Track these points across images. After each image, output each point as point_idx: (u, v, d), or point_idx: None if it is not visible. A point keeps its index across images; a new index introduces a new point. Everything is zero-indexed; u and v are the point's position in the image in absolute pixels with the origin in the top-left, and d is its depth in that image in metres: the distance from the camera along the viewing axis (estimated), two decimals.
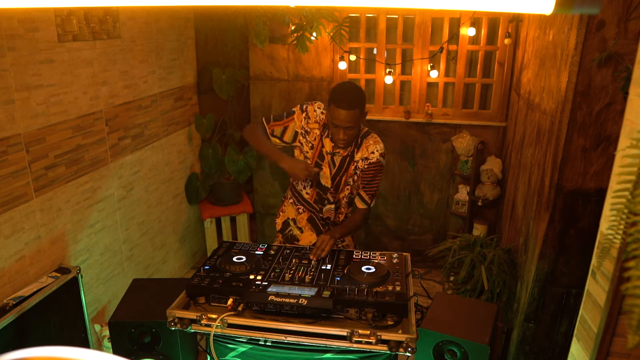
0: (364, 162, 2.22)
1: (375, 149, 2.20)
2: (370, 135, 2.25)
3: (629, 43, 1.92)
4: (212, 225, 3.89)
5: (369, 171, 2.22)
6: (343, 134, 2.09)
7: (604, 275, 1.20)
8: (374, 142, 2.21)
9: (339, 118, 2.04)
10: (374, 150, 2.20)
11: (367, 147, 2.20)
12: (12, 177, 2.15)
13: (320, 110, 2.22)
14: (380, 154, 2.21)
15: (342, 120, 2.04)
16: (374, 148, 2.20)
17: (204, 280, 1.82)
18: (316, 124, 2.21)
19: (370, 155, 2.20)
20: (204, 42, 3.90)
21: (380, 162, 2.22)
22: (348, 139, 2.12)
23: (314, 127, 2.22)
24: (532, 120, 2.78)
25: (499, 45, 3.64)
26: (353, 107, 2.02)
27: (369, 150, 2.20)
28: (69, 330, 2.36)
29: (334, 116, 2.05)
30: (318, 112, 2.22)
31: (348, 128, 2.07)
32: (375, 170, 2.22)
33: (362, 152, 2.21)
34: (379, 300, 1.68)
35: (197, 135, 3.94)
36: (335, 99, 2.04)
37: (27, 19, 2.18)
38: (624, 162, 1.04)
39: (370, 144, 2.20)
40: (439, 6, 0.45)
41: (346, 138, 2.11)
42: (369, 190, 2.25)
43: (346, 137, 2.10)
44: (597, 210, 2.17)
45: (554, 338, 2.46)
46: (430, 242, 4.08)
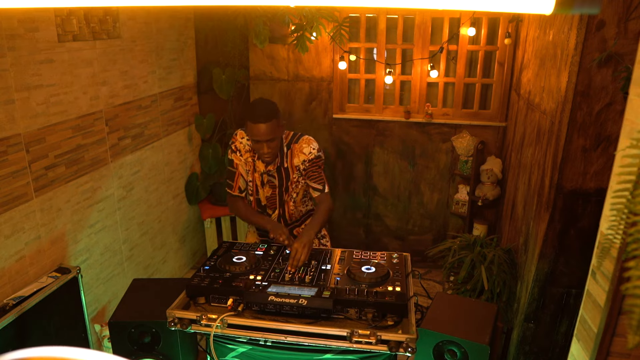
0: (304, 163, 2.26)
1: (310, 149, 2.25)
2: (300, 139, 2.27)
3: (629, 43, 1.92)
4: (212, 225, 3.89)
5: (312, 167, 2.27)
6: (267, 148, 2.13)
7: (604, 275, 1.20)
8: (306, 143, 2.25)
9: (258, 133, 2.08)
10: (310, 150, 2.24)
11: (301, 150, 2.25)
12: (12, 177, 2.15)
13: (245, 138, 2.28)
14: (316, 150, 2.26)
15: (262, 134, 2.08)
16: (308, 149, 2.25)
17: (204, 280, 1.82)
18: (247, 153, 2.28)
19: (308, 156, 2.25)
20: (204, 42, 3.90)
21: (319, 156, 2.27)
22: (272, 151, 2.16)
23: (247, 156, 2.29)
24: (532, 120, 2.78)
25: (499, 45, 3.64)
26: (269, 118, 2.07)
27: (305, 152, 2.24)
28: (69, 330, 2.36)
29: (254, 133, 2.09)
30: (244, 142, 2.28)
31: (269, 141, 2.11)
32: (317, 164, 2.27)
33: (298, 157, 2.25)
34: (379, 300, 1.68)
35: (197, 135, 3.94)
36: (249, 117, 2.09)
37: (27, 19, 2.18)
38: (624, 162, 1.04)
39: (304, 147, 2.25)
40: (439, 6, 0.45)
41: (270, 151, 2.15)
42: (318, 181, 2.29)
43: (270, 150, 2.14)
44: (597, 210, 2.17)
45: (554, 338, 2.46)
46: (430, 242, 4.08)
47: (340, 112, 3.98)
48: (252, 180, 2.34)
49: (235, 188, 2.32)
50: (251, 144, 2.18)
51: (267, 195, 2.34)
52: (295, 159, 2.25)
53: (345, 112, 3.99)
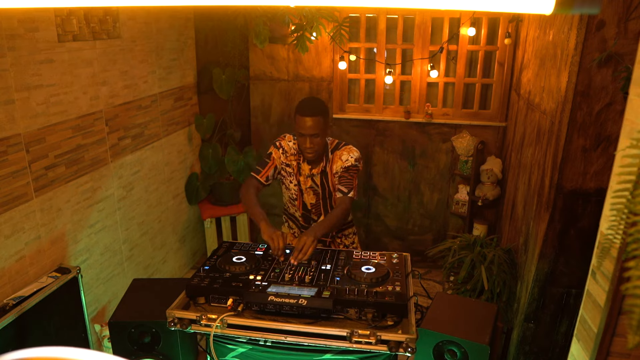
0: (340, 169, 2.27)
1: (349, 156, 2.26)
2: (343, 147, 2.29)
3: (629, 43, 1.92)
4: (212, 225, 3.89)
5: (346, 173, 2.27)
6: (309, 142, 2.16)
7: (604, 275, 1.20)
8: (346, 151, 2.27)
9: (304, 126, 2.13)
10: (348, 158, 2.26)
11: (340, 157, 2.27)
12: (12, 177, 2.15)
13: (292, 142, 2.31)
14: (355, 159, 2.27)
15: (306, 127, 2.13)
16: (347, 156, 2.26)
17: (204, 280, 1.82)
18: (292, 156, 2.31)
19: (345, 162, 2.26)
20: (204, 42, 3.90)
21: (356, 165, 2.28)
22: (315, 147, 2.18)
23: (292, 159, 2.31)
24: (532, 120, 2.78)
25: (499, 45, 3.64)
26: (316, 114, 2.13)
27: (343, 159, 2.26)
28: (69, 330, 2.36)
29: (299, 125, 2.15)
30: (291, 145, 2.31)
31: (313, 136, 2.15)
32: (352, 171, 2.27)
33: (338, 163, 2.27)
34: (378, 300, 1.68)
35: (197, 135, 3.94)
36: (299, 110, 2.16)
37: (27, 19, 2.18)
38: (624, 162, 1.04)
39: (344, 154, 2.27)
40: (439, 6, 0.45)
41: (312, 147, 2.17)
42: (347, 185, 2.26)
43: (312, 145, 2.17)
44: (597, 210, 2.17)
45: (554, 338, 2.46)
46: (430, 242, 4.08)
47: (340, 112, 3.98)
48: (297, 184, 2.35)
49: (262, 175, 2.29)
50: (297, 138, 2.22)
51: (312, 202, 2.37)
52: (334, 165, 2.28)
53: (345, 112, 3.99)
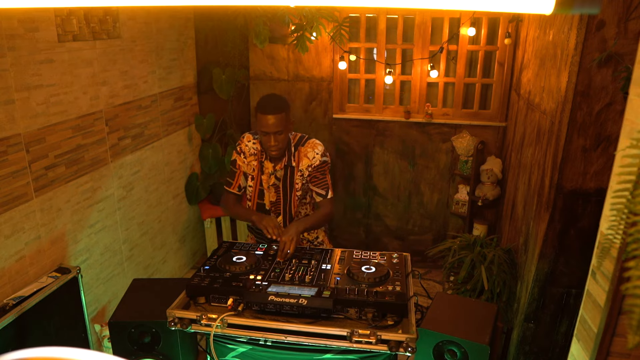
0: (308, 169, 2.28)
1: (314, 153, 2.27)
2: (307, 142, 2.29)
3: (629, 43, 1.92)
4: (212, 225, 3.89)
5: (317, 172, 2.28)
6: (274, 140, 2.16)
7: (604, 275, 1.20)
8: (311, 147, 2.28)
9: (267, 124, 2.13)
10: (314, 155, 2.26)
11: (306, 154, 2.27)
12: (12, 177, 2.15)
13: (251, 142, 2.32)
14: (321, 154, 2.28)
15: (269, 125, 2.12)
16: (313, 153, 2.27)
17: (204, 280, 1.82)
18: (252, 156, 2.32)
19: (313, 161, 2.27)
20: (204, 42, 3.90)
21: (325, 160, 2.29)
22: (279, 144, 2.19)
23: (251, 159, 2.32)
24: (532, 120, 2.78)
25: (499, 45, 3.64)
26: (278, 111, 2.12)
27: (310, 157, 2.27)
28: (69, 330, 2.36)
29: (262, 123, 2.14)
30: (250, 145, 2.32)
31: (277, 133, 2.15)
32: (322, 170, 2.29)
33: (304, 161, 2.27)
34: (379, 300, 1.68)
35: (197, 135, 3.94)
36: (260, 108, 2.15)
37: (27, 19, 2.18)
38: (624, 162, 1.04)
39: (309, 151, 2.27)
40: (439, 6, 0.45)
41: (277, 144, 2.18)
42: (322, 186, 2.30)
43: (277, 142, 2.17)
44: (597, 210, 2.17)
45: (554, 338, 2.46)
46: (430, 242, 4.08)
47: (340, 112, 3.98)
48: (254, 186, 2.34)
49: (234, 186, 2.36)
50: (260, 136, 2.21)
51: (272, 200, 2.34)
52: (300, 163, 2.28)
53: (345, 112, 3.99)
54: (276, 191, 2.33)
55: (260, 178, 2.32)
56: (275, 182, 2.31)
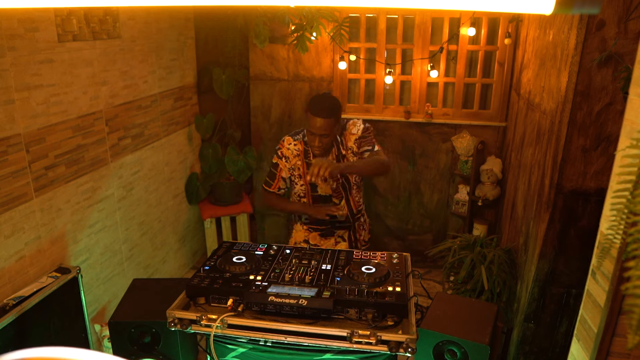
0: (356, 142, 2.32)
1: (356, 128, 2.32)
2: (347, 125, 2.35)
3: (629, 43, 1.92)
4: (212, 225, 3.89)
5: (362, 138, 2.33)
6: (318, 142, 2.21)
7: (604, 275, 1.20)
8: (352, 125, 2.33)
9: (315, 126, 2.17)
10: (357, 129, 2.32)
11: (350, 133, 2.32)
12: (12, 177, 2.15)
13: (292, 144, 2.37)
14: (362, 124, 2.33)
15: (318, 127, 2.17)
16: (355, 128, 2.32)
17: (204, 280, 1.82)
18: (296, 157, 2.36)
19: (357, 134, 2.32)
20: (204, 42, 3.90)
21: (367, 127, 2.34)
22: (323, 146, 2.24)
23: (295, 160, 2.36)
24: (532, 120, 2.78)
25: (499, 45, 3.64)
26: (329, 115, 2.17)
27: (353, 132, 2.32)
28: (69, 330, 2.36)
29: (311, 124, 2.19)
30: (292, 148, 2.37)
31: (323, 136, 2.20)
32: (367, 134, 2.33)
33: (349, 140, 2.33)
34: (379, 300, 1.68)
35: (197, 135, 3.94)
36: (312, 109, 2.18)
37: (27, 19, 2.18)
38: (624, 162, 1.04)
39: (351, 128, 2.33)
40: (439, 6, 0.45)
41: (321, 145, 2.23)
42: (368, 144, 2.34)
43: (321, 144, 2.22)
44: (597, 210, 2.17)
45: (554, 338, 2.46)
46: (430, 242, 4.08)
47: None
48: (305, 184, 2.38)
49: (274, 187, 2.44)
50: (306, 133, 2.26)
51: (333, 187, 2.38)
52: (348, 142, 2.32)
53: (345, 112, 3.99)
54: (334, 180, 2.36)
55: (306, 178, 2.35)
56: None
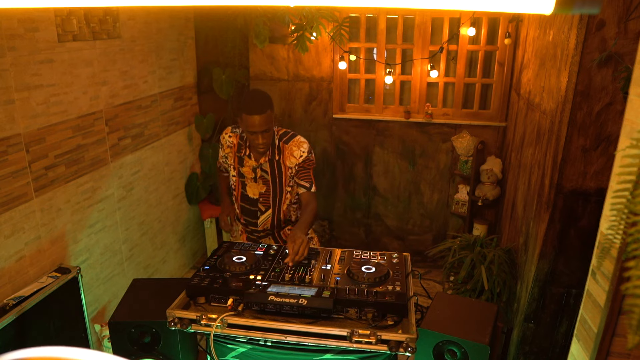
0: (295, 167, 2.31)
1: (300, 152, 2.28)
2: (292, 140, 2.30)
3: (629, 43, 1.92)
4: (212, 225, 3.89)
5: (302, 167, 2.31)
6: (262, 138, 2.18)
7: (604, 275, 1.20)
8: (297, 146, 2.29)
9: (254, 124, 2.13)
10: (300, 154, 2.28)
11: (292, 152, 2.29)
12: (12, 177, 2.15)
13: (227, 134, 2.37)
14: (307, 151, 2.29)
15: (257, 125, 2.13)
16: (299, 152, 2.28)
17: (204, 280, 1.82)
18: (228, 148, 2.37)
19: (299, 159, 2.29)
20: (204, 42, 3.90)
21: (310, 157, 2.31)
22: (266, 142, 2.22)
23: (227, 151, 2.37)
24: (532, 120, 2.78)
25: (499, 45, 3.64)
26: (263, 111, 2.13)
27: (295, 155, 2.28)
28: (69, 330, 2.36)
29: (249, 124, 2.14)
30: (226, 138, 2.37)
31: (264, 131, 2.17)
32: (307, 165, 2.32)
33: (290, 159, 2.29)
34: (379, 300, 1.68)
35: (197, 135, 3.94)
36: (245, 108, 2.13)
37: (27, 19, 2.18)
38: (624, 162, 1.04)
39: (294, 149, 2.28)
40: (439, 6, 0.45)
41: (265, 141, 2.21)
42: (307, 179, 2.33)
43: (265, 140, 2.20)
44: (597, 210, 2.17)
45: (554, 338, 2.46)
46: (430, 242, 4.08)
47: (340, 112, 3.98)
48: (236, 176, 2.37)
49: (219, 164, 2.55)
50: (246, 135, 2.22)
51: (262, 192, 2.36)
52: (287, 161, 2.29)
53: (345, 112, 3.99)
54: (264, 183, 2.34)
55: (240, 170, 2.35)
56: (264, 175, 2.33)
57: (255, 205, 2.38)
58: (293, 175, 2.33)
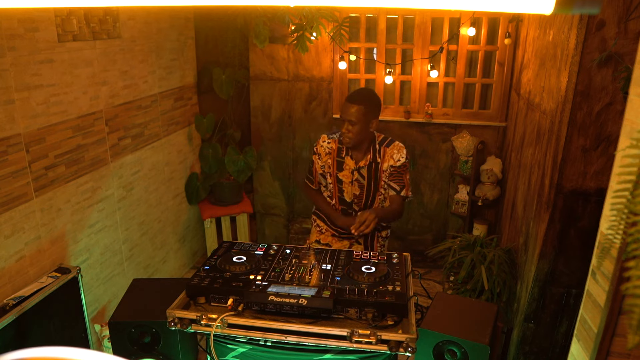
0: (391, 169, 2.37)
1: (399, 156, 2.36)
2: (392, 144, 2.38)
3: (629, 43, 1.92)
4: (212, 225, 3.89)
5: (397, 171, 2.38)
6: (345, 128, 2.25)
7: (604, 275, 1.20)
8: (397, 150, 2.36)
9: (345, 111, 2.23)
10: (399, 158, 2.36)
11: (392, 155, 2.36)
12: (12, 177, 2.15)
13: (325, 142, 2.42)
14: (405, 157, 2.37)
15: (346, 112, 2.22)
16: (398, 156, 2.36)
17: (204, 280, 1.82)
18: (327, 155, 2.41)
19: (396, 162, 2.36)
20: (204, 42, 3.90)
21: (406, 163, 2.38)
22: (351, 135, 2.25)
23: (326, 158, 2.42)
24: (532, 120, 2.78)
25: (499, 45, 3.64)
26: (359, 102, 2.20)
27: (394, 158, 2.36)
28: (69, 330, 2.36)
29: (342, 109, 2.24)
30: (325, 145, 2.42)
31: (350, 122, 2.22)
32: (401, 170, 2.38)
33: (388, 162, 2.36)
34: (379, 300, 1.68)
35: (197, 135, 3.94)
36: (348, 96, 2.25)
37: (27, 19, 2.18)
38: (624, 162, 1.04)
39: (395, 153, 2.36)
40: (439, 6, 0.45)
41: (347, 133, 2.25)
42: (399, 182, 2.39)
43: (347, 131, 2.25)
44: (597, 210, 2.17)
45: (554, 338, 2.46)
46: (430, 242, 4.07)
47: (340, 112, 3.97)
48: (333, 182, 2.42)
49: (315, 183, 2.51)
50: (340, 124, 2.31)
51: (356, 194, 2.41)
52: (385, 163, 2.36)
53: None
54: (360, 186, 2.40)
55: (337, 175, 2.40)
56: (359, 178, 2.38)
57: (351, 207, 2.45)
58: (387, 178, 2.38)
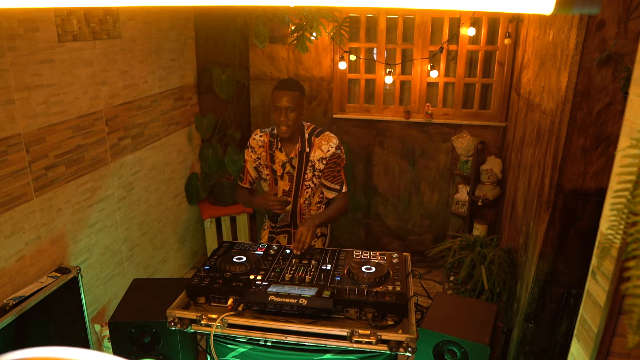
0: (320, 161, 2.32)
1: (329, 146, 2.31)
2: (322, 134, 2.34)
3: (629, 43, 1.92)
4: (212, 225, 3.89)
5: (330, 164, 2.33)
6: (284, 116, 2.21)
7: (604, 275, 1.20)
8: (326, 140, 2.32)
9: (280, 100, 2.20)
10: (328, 148, 2.31)
11: (320, 146, 2.31)
12: (12, 177, 2.15)
13: (258, 135, 2.39)
14: (335, 147, 2.32)
15: (282, 101, 2.19)
16: (327, 146, 2.31)
17: (204, 280, 1.82)
18: (260, 148, 2.38)
19: (327, 153, 2.31)
20: (204, 42, 3.90)
21: (337, 153, 2.33)
22: (290, 122, 2.23)
23: (260, 151, 2.38)
24: (532, 120, 2.78)
25: (499, 45, 3.64)
26: (293, 89, 2.20)
27: (324, 150, 2.31)
28: (69, 330, 2.36)
29: (275, 99, 2.21)
30: (257, 138, 2.38)
31: (288, 109, 2.20)
32: (335, 161, 2.33)
33: (317, 153, 2.31)
34: (379, 300, 1.68)
35: (197, 135, 3.94)
36: (276, 86, 2.24)
37: (27, 19, 2.18)
38: (624, 162, 1.04)
39: (323, 143, 2.31)
40: (439, 6, 0.45)
41: (287, 120, 2.22)
42: (337, 180, 2.35)
43: (287, 119, 2.22)
44: (597, 210, 2.17)
45: (554, 338, 2.46)
46: (430, 242, 4.08)
47: (340, 112, 3.98)
48: (269, 174, 2.40)
49: (245, 181, 2.46)
50: (272, 115, 2.28)
51: (285, 189, 2.39)
52: (314, 154, 2.32)
53: (345, 112, 3.99)
54: (290, 180, 2.37)
55: (272, 167, 2.37)
56: (290, 171, 2.35)
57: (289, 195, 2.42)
58: (320, 175, 2.34)
